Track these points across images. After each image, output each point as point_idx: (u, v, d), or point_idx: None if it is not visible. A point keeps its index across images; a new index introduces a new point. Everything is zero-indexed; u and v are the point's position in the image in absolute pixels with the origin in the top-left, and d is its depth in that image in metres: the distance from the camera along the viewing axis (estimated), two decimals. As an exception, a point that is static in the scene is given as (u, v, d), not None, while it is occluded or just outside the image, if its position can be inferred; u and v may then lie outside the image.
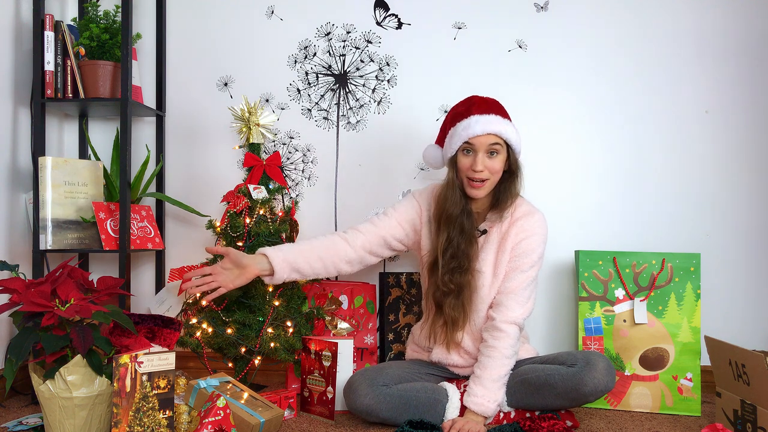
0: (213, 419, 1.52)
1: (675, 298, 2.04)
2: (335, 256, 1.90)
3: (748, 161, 2.30)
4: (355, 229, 1.95)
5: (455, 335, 1.87)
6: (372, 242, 1.93)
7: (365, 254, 1.94)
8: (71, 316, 1.49)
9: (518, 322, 1.81)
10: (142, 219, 2.20)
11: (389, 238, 1.95)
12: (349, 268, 1.94)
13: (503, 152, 1.82)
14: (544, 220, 1.89)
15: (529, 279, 1.84)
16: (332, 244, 1.91)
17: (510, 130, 1.81)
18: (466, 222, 1.86)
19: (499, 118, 1.81)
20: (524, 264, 1.84)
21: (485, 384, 1.76)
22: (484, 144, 1.79)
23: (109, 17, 2.15)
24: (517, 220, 1.86)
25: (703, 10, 2.31)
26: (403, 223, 1.95)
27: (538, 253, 1.85)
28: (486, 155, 1.80)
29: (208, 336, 1.99)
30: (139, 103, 2.19)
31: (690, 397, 2.00)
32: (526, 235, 1.84)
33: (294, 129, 2.38)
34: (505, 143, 1.81)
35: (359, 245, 1.92)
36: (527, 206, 1.90)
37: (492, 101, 1.85)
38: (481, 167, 1.79)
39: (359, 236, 1.92)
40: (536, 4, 2.34)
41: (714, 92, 2.31)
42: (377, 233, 1.93)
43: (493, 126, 1.79)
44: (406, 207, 1.97)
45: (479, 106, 1.83)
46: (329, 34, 2.37)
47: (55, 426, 1.54)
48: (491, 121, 1.79)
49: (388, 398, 1.75)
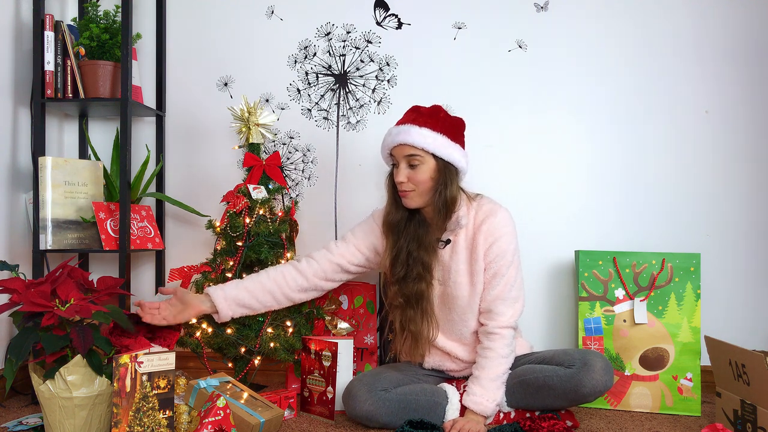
0: (213, 419, 1.52)
1: (675, 298, 2.04)
2: (285, 286, 1.89)
3: (748, 161, 2.30)
4: (309, 257, 1.94)
5: (422, 348, 1.85)
6: (326, 270, 1.92)
7: (320, 281, 1.92)
8: (71, 316, 1.49)
9: (511, 325, 1.80)
10: (142, 219, 2.20)
11: (346, 264, 1.93)
12: (303, 296, 1.93)
13: (427, 162, 1.77)
14: (507, 216, 1.83)
15: (511, 281, 1.81)
16: (281, 275, 1.89)
17: (429, 140, 1.74)
18: (420, 231, 1.84)
19: (416, 128, 1.75)
20: (501, 267, 1.80)
21: (483, 384, 1.76)
22: (401, 155, 1.78)
23: (109, 17, 2.15)
24: (481, 224, 1.82)
25: (703, 10, 2.31)
26: (361, 248, 1.94)
27: (510, 251, 1.81)
28: (407, 166, 1.78)
29: (207, 336, 1.99)
30: (139, 103, 2.19)
31: (690, 397, 2.00)
32: (494, 238, 1.80)
33: (294, 129, 2.38)
34: (426, 152, 1.76)
35: (311, 274, 1.90)
36: (488, 205, 1.85)
37: (424, 110, 1.79)
38: (402, 178, 1.78)
39: (313, 264, 1.91)
40: (536, 4, 2.34)
41: (714, 92, 2.31)
42: (332, 260, 1.92)
43: (404, 137, 1.75)
44: (365, 231, 1.95)
45: (405, 116, 1.81)
46: (329, 34, 2.37)
47: (55, 426, 1.54)
48: (402, 132, 1.76)
49: (387, 403, 1.75)
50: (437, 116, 1.79)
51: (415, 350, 1.86)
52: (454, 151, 1.78)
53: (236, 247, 2.03)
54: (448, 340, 1.89)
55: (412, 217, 1.86)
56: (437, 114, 1.79)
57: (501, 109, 2.34)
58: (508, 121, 2.34)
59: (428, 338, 1.85)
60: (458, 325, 1.87)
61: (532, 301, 2.31)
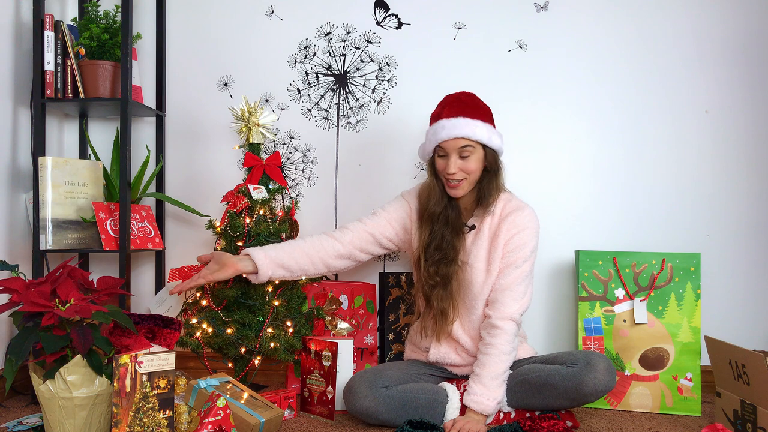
0: (213, 419, 1.52)
1: (675, 298, 2.04)
2: (322, 251, 1.92)
3: (748, 161, 2.30)
4: (344, 227, 1.97)
5: (445, 327, 1.89)
6: (361, 239, 1.95)
7: (355, 250, 1.95)
8: (71, 316, 1.49)
9: (515, 318, 1.81)
10: (142, 219, 2.20)
11: (378, 236, 1.96)
12: (339, 264, 1.95)
13: (477, 152, 1.82)
14: (534, 215, 1.89)
15: (523, 274, 1.84)
16: (318, 241, 1.93)
17: (480, 131, 1.80)
18: (451, 215, 1.89)
19: (467, 120, 1.80)
20: (518, 259, 1.84)
21: (485, 382, 1.77)
22: (454, 147, 1.81)
23: (109, 17, 2.14)
24: (507, 215, 1.87)
25: (703, 9, 2.31)
26: (392, 221, 1.97)
27: (530, 246, 1.85)
28: (458, 157, 1.82)
29: (208, 336, 1.99)
30: (139, 103, 2.19)
31: (690, 397, 2.00)
32: (518, 230, 1.84)
33: (294, 129, 2.38)
34: (478, 143, 1.81)
35: (347, 241, 1.93)
36: (516, 201, 1.90)
37: (465, 100, 1.85)
38: (453, 170, 1.81)
39: (347, 233, 1.95)
40: (536, 4, 2.34)
41: (714, 92, 2.31)
42: (366, 230, 1.95)
43: (459, 130, 1.79)
44: (396, 207, 1.99)
45: (450, 108, 1.84)
46: (329, 34, 2.37)
47: (55, 426, 1.54)
48: (457, 125, 1.80)
49: (387, 400, 1.75)
50: (478, 105, 1.85)
51: (441, 328, 1.89)
52: (497, 138, 1.85)
53: (236, 247, 2.03)
54: (460, 326, 1.91)
55: (449, 204, 1.90)
56: (477, 102, 1.86)
57: (501, 109, 2.33)
58: (508, 120, 2.33)
59: (452, 319, 1.89)
60: (469, 311, 1.89)
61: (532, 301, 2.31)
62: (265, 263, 1.86)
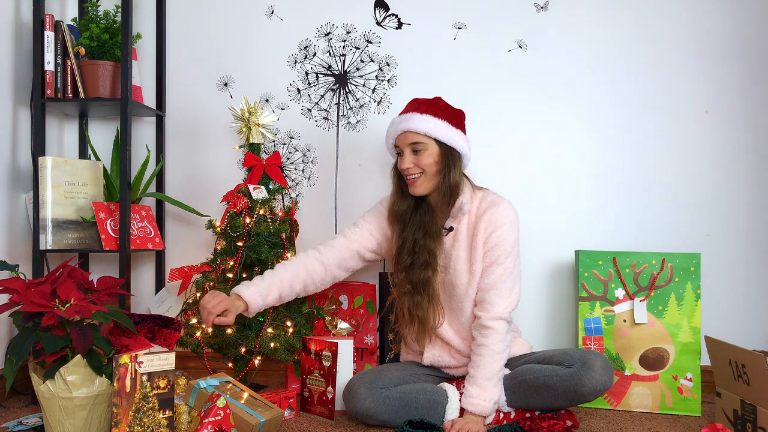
0: (213, 419, 1.52)
1: (675, 298, 2.04)
2: (305, 277, 1.91)
3: (748, 161, 2.30)
4: (329, 243, 1.96)
5: (428, 333, 1.88)
6: (343, 257, 1.94)
7: (338, 270, 1.95)
8: (71, 316, 1.49)
9: (504, 316, 1.80)
10: (142, 219, 2.20)
11: (362, 250, 1.96)
12: (322, 285, 1.95)
13: (431, 147, 1.82)
14: (510, 208, 1.87)
15: (507, 271, 1.82)
16: (302, 265, 1.90)
17: (431, 126, 1.80)
18: (426, 218, 1.88)
19: (418, 116, 1.81)
20: (499, 256, 1.82)
21: (480, 383, 1.76)
22: (404, 143, 1.83)
23: (109, 17, 2.15)
24: (483, 213, 1.85)
25: (703, 9, 2.31)
26: (373, 232, 1.97)
27: (510, 241, 1.83)
28: (411, 152, 1.83)
29: (207, 336, 1.99)
30: (139, 103, 2.19)
31: (690, 397, 2.00)
32: (495, 227, 1.83)
33: (294, 129, 2.38)
34: (429, 137, 1.81)
35: (329, 260, 1.93)
36: (492, 197, 1.89)
37: (423, 101, 1.86)
38: (407, 164, 1.82)
39: (331, 250, 1.94)
40: (536, 4, 2.34)
41: (714, 92, 2.31)
42: (348, 246, 1.95)
43: (406, 123, 1.82)
44: (375, 215, 1.99)
45: (406, 107, 1.86)
46: (329, 34, 2.37)
47: (55, 426, 1.54)
48: (405, 119, 1.82)
49: (387, 401, 1.75)
50: (437, 104, 1.85)
51: (422, 336, 1.88)
52: (455, 135, 1.83)
53: (236, 247, 2.03)
54: (450, 329, 1.90)
55: (418, 205, 1.90)
56: (437, 103, 1.86)
57: (501, 109, 2.34)
58: (508, 120, 2.34)
59: (435, 324, 1.87)
60: (457, 314, 1.88)
61: (532, 301, 2.32)
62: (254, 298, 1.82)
